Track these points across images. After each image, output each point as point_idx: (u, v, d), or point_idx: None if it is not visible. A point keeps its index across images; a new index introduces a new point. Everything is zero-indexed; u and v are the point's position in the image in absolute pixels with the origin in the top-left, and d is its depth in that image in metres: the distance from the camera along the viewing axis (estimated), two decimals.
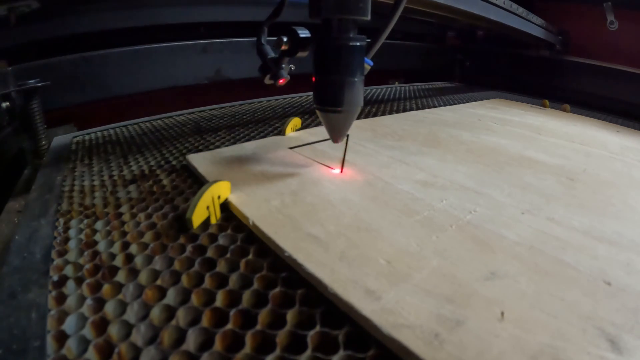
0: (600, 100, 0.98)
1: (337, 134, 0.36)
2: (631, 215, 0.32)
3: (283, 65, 0.39)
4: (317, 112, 0.35)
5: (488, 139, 0.54)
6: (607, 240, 0.28)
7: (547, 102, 0.87)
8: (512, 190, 0.36)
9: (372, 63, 0.36)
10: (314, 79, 0.33)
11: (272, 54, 0.39)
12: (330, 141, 0.49)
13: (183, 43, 0.78)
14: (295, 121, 0.55)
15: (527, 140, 0.54)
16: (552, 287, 0.22)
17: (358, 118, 0.66)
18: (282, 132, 0.53)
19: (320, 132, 0.54)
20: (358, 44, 0.32)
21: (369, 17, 0.31)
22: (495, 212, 0.32)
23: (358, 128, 0.57)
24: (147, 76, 0.75)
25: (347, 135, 0.50)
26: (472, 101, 0.90)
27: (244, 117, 0.69)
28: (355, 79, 0.33)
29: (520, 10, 0.84)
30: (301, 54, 0.36)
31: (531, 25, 0.92)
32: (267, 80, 0.39)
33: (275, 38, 0.36)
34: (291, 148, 0.46)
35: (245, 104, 0.83)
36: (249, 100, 0.86)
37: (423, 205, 0.32)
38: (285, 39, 0.36)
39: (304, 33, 0.35)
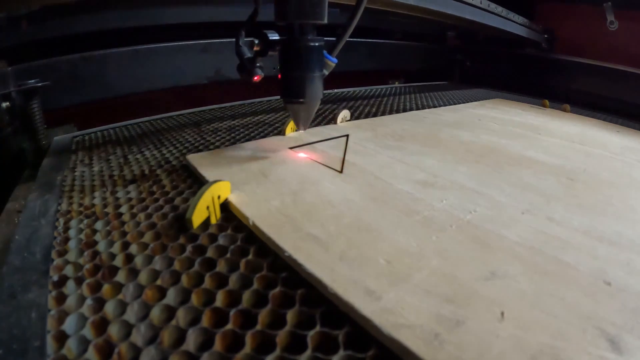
0: (601, 100, 0.98)
1: (302, 122, 0.43)
2: (631, 215, 0.32)
3: (258, 64, 0.43)
4: (285, 104, 0.41)
5: (488, 139, 0.54)
6: (607, 240, 0.28)
7: (547, 102, 0.87)
8: (512, 190, 0.36)
9: (336, 60, 0.41)
10: (280, 76, 0.39)
11: (248, 54, 0.43)
12: (330, 141, 0.49)
13: (183, 43, 0.78)
14: None
15: (527, 140, 0.54)
16: (552, 287, 0.22)
17: (358, 118, 0.66)
18: (282, 132, 0.53)
19: (320, 132, 0.54)
20: (316, 44, 0.38)
21: (325, 21, 0.36)
22: (495, 212, 0.32)
23: (358, 128, 0.57)
24: (147, 76, 0.75)
25: (347, 136, 0.50)
26: (472, 101, 0.90)
27: (244, 117, 0.69)
28: (315, 75, 0.38)
29: (499, 9, 0.85)
30: (272, 54, 0.40)
31: (512, 24, 0.93)
32: (244, 78, 0.44)
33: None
34: (291, 148, 0.46)
35: (245, 104, 0.83)
36: (249, 100, 0.86)
37: (423, 205, 0.32)
38: (256, 41, 0.40)
39: (273, 36, 0.39)
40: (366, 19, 0.37)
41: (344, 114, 0.61)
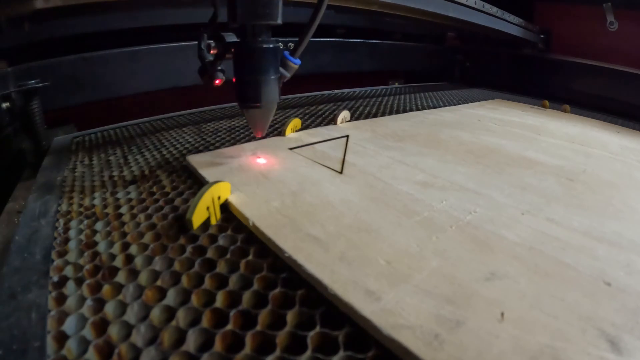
0: (601, 100, 0.98)
1: (259, 128, 0.41)
2: (631, 216, 0.32)
3: (219, 68, 0.42)
4: (241, 109, 0.39)
5: (488, 139, 0.54)
6: (607, 241, 0.28)
7: (547, 102, 0.87)
8: (512, 191, 0.36)
9: (299, 62, 0.39)
10: (234, 79, 0.38)
11: (209, 58, 0.42)
12: (330, 142, 0.49)
13: (183, 44, 0.78)
14: (295, 122, 0.55)
15: (527, 141, 0.54)
16: (552, 288, 0.22)
17: (358, 118, 0.66)
18: (282, 133, 0.53)
19: (320, 133, 0.54)
20: (270, 45, 0.36)
21: (279, 22, 0.35)
22: (495, 213, 0.32)
23: (358, 129, 0.57)
24: (147, 77, 0.75)
25: (347, 136, 0.50)
26: (472, 102, 0.90)
27: (244, 117, 0.69)
28: (271, 77, 0.37)
29: (494, 10, 0.85)
30: (229, 57, 0.39)
31: (507, 24, 0.92)
32: (205, 81, 0.43)
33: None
34: (291, 149, 0.46)
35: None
36: None
37: (423, 206, 0.32)
38: (213, 44, 0.40)
39: (230, 38, 0.39)
40: (365, 19, 0.36)
41: (344, 114, 0.61)
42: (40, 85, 0.57)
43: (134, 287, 0.24)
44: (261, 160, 0.42)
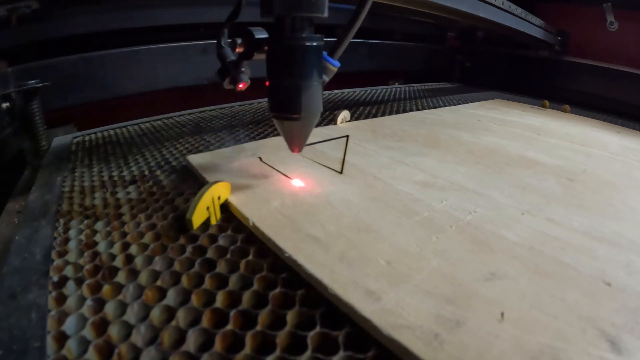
0: (601, 100, 0.98)
1: (296, 143, 0.33)
2: (631, 216, 0.32)
3: (242, 69, 0.36)
4: (274, 120, 0.33)
5: (488, 139, 0.54)
6: (607, 241, 0.28)
7: (547, 102, 0.87)
8: (512, 191, 0.36)
9: (338, 64, 0.34)
10: (267, 83, 0.31)
11: (231, 57, 0.36)
12: (330, 142, 0.48)
13: (183, 44, 0.78)
14: None
15: (527, 141, 0.54)
16: (552, 288, 0.22)
17: (358, 118, 0.66)
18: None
19: (320, 133, 0.54)
20: (314, 44, 0.30)
21: (325, 14, 0.29)
22: (495, 213, 0.32)
23: (358, 129, 0.57)
24: (147, 77, 0.75)
25: (347, 136, 0.50)
26: (472, 102, 0.90)
27: (244, 117, 0.69)
28: (313, 82, 0.30)
29: (518, 10, 0.83)
30: (258, 57, 0.33)
31: (530, 25, 0.91)
32: (227, 85, 0.37)
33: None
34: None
35: (245, 104, 0.83)
36: (249, 101, 0.86)
37: (423, 206, 0.32)
38: (239, 41, 0.33)
39: (260, 34, 0.32)
40: (366, 19, 0.34)
41: (344, 114, 0.61)
42: (40, 85, 0.57)
43: (134, 287, 0.24)
44: (297, 183, 0.36)
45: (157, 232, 0.30)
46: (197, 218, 0.29)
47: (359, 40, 1.05)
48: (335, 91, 1.01)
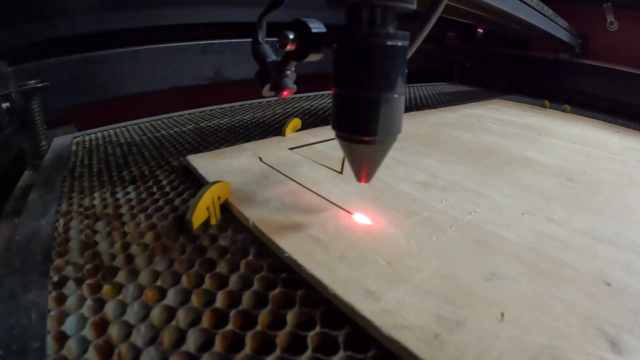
0: (600, 100, 0.98)
1: (365, 171, 0.26)
2: (631, 216, 0.32)
3: (288, 72, 0.30)
4: (339, 140, 0.25)
5: (488, 139, 0.54)
6: (607, 241, 0.28)
7: (547, 102, 0.87)
8: (512, 191, 0.36)
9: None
10: (333, 91, 0.24)
11: (272, 56, 0.31)
12: (330, 142, 0.47)
13: (183, 44, 0.78)
14: (296, 122, 0.55)
15: (527, 141, 0.54)
16: (552, 288, 0.22)
17: None
18: (282, 133, 0.53)
19: (321, 132, 0.54)
20: (400, 43, 0.22)
21: (414, 6, 0.23)
22: (495, 213, 0.32)
23: None
24: (147, 77, 0.75)
25: None
26: (472, 102, 0.90)
27: (244, 117, 0.69)
28: (395, 95, 0.23)
29: (550, 12, 0.81)
30: (314, 57, 0.27)
31: (557, 27, 0.89)
32: (266, 92, 0.31)
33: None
34: (291, 149, 0.46)
35: (245, 104, 0.83)
36: (248, 101, 0.86)
37: (423, 206, 0.32)
38: (291, 36, 0.26)
39: (317, 27, 0.26)
40: None
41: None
42: (40, 85, 0.57)
43: (134, 287, 0.24)
44: (362, 219, 0.30)
45: (157, 232, 0.30)
46: (197, 218, 0.29)
47: None
48: None
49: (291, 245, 0.26)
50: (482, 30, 1.31)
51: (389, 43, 0.22)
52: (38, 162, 0.56)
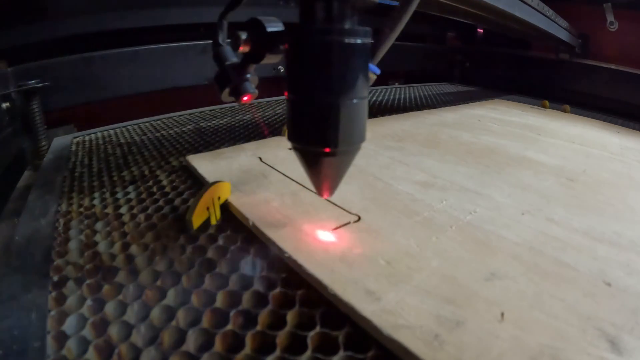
0: (601, 100, 0.98)
1: (326, 186, 0.24)
2: (631, 216, 0.32)
3: (248, 75, 0.28)
4: (295, 152, 0.23)
5: (488, 139, 0.54)
6: (607, 241, 0.28)
7: (547, 102, 0.87)
8: (512, 191, 0.36)
9: (378, 71, 0.28)
10: (286, 96, 0.22)
11: (233, 59, 0.29)
12: None
13: (183, 44, 0.78)
14: None
15: (527, 141, 0.54)
16: (552, 288, 0.22)
17: None
18: (282, 133, 0.53)
19: None
20: (359, 41, 0.20)
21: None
22: (495, 213, 0.32)
23: None
24: (147, 77, 0.75)
25: None
26: (472, 102, 0.90)
27: (244, 117, 0.69)
28: (356, 99, 0.21)
29: (550, 12, 0.81)
30: (271, 58, 0.24)
31: (557, 27, 0.89)
32: (226, 97, 0.28)
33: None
34: (291, 149, 0.46)
35: (245, 104, 0.83)
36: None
37: (423, 206, 0.32)
38: (244, 36, 0.24)
39: (274, 26, 0.23)
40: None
41: None
42: (40, 85, 0.57)
43: (134, 287, 0.24)
44: (326, 236, 0.27)
45: (157, 232, 0.30)
46: (197, 218, 0.29)
47: None
48: None
49: (291, 245, 0.26)
50: (482, 30, 1.32)
51: (347, 41, 0.20)
52: (38, 162, 0.56)
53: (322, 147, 0.21)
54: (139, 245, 0.28)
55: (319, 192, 0.25)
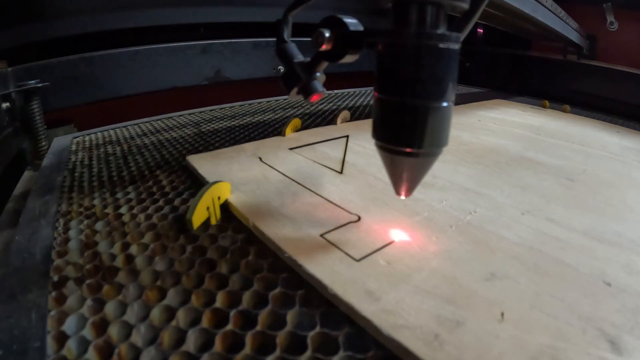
0: (601, 100, 0.98)
1: (407, 185, 0.24)
2: (631, 216, 0.32)
3: (318, 74, 0.28)
4: (379, 150, 0.23)
5: (488, 139, 0.54)
6: (607, 241, 0.28)
7: (547, 102, 0.87)
8: (512, 191, 0.36)
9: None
10: (375, 96, 0.22)
11: (299, 57, 0.29)
12: (330, 142, 0.47)
13: (183, 44, 0.78)
14: (296, 122, 0.55)
15: (527, 141, 0.54)
16: (552, 288, 0.22)
17: (358, 118, 0.66)
18: (282, 133, 0.53)
19: (320, 133, 0.54)
20: (452, 46, 0.20)
21: (467, 5, 0.22)
22: (495, 213, 0.32)
23: (358, 129, 0.57)
24: (147, 77, 0.75)
25: (347, 136, 0.50)
26: (472, 102, 0.90)
27: (244, 117, 0.69)
28: (444, 104, 0.21)
29: (562, 13, 0.81)
30: (350, 58, 0.25)
31: (569, 28, 0.89)
32: (294, 96, 0.28)
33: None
34: (291, 149, 0.46)
35: (245, 104, 0.83)
36: (249, 101, 0.86)
37: (423, 206, 0.32)
38: (327, 34, 0.24)
39: (354, 25, 0.24)
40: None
41: (344, 114, 0.61)
42: (40, 85, 0.57)
43: (134, 287, 0.24)
44: (400, 236, 0.28)
45: (157, 232, 0.30)
46: (197, 218, 0.29)
47: None
48: (336, 91, 1.01)
49: (291, 245, 0.26)
50: (482, 30, 1.31)
51: (442, 45, 0.20)
52: (38, 162, 0.56)
53: (407, 147, 0.21)
54: (139, 245, 0.28)
55: (397, 192, 0.25)
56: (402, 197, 0.25)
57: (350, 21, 0.24)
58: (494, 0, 0.58)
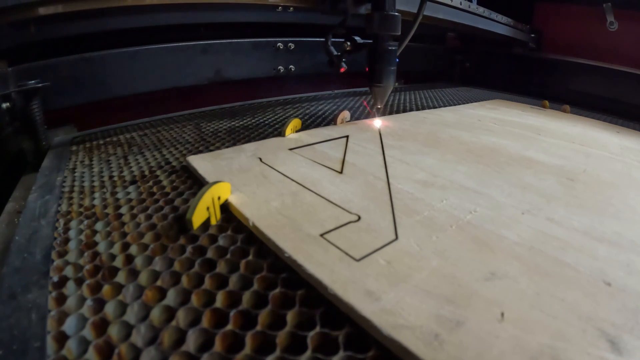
0: (601, 100, 0.98)
1: (379, 101, 0.53)
2: (631, 216, 0.32)
3: (344, 60, 0.57)
4: (370, 87, 0.52)
5: (488, 139, 0.54)
6: (607, 241, 0.28)
7: (547, 102, 0.87)
8: (512, 191, 0.36)
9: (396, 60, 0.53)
10: (367, 69, 0.51)
11: (336, 52, 0.57)
12: (330, 142, 0.49)
13: (183, 44, 0.78)
14: (295, 122, 0.55)
15: (527, 141, 0.54)
16: (552, 288, 0.22)
17: (358, 118, 0.66)
18: (282, 133, 0.53)
19: (320, 133, 0.54)
20: (393, 47, 0.50)
21: (399, 32, 0.50)
22: (496, 213, 0.32)
23: (358, 129, 0.57)
24: (147, 77, 0.75)
25: (347, 136, 0.50)
26: (472, 102, 0.90)
27: (244, 118, 0.69)
28: (391, 68, 0.51)
29: (480, 10, 0.88)
30: (357, 55, 0.55)
31: (495, 24, 0.96)
32: (334, 70, 0.57)
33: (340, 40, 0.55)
34: (291, 149, 0.46)
35: (245, 104, 0.83)
36: (249, 101, 0.86)
37: (423, 205, 0.32)
38: (349, 43, 0.55)
39: (359, 39, 0.54)
40: (364, 20, 0.42)
41: (344, 114, 0.61)
42: (40, 85, 0.57)
43: (134, 287, 0.24)
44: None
45: (157, 232, 0.30)
46: (197, 218, 0.29)
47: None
48: (335, 91, 1.01)
49: (291, 245, 0.26)
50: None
51: (391, 48, 0.50)
52: (38, 162, 0.56)
53: (379, 84, 0.51)
54: (139, 245, 0.28)
55: (376, 104, 0.53)
56: (379, 106, 0.53)
57: (357, 37, 0.54)
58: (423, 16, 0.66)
